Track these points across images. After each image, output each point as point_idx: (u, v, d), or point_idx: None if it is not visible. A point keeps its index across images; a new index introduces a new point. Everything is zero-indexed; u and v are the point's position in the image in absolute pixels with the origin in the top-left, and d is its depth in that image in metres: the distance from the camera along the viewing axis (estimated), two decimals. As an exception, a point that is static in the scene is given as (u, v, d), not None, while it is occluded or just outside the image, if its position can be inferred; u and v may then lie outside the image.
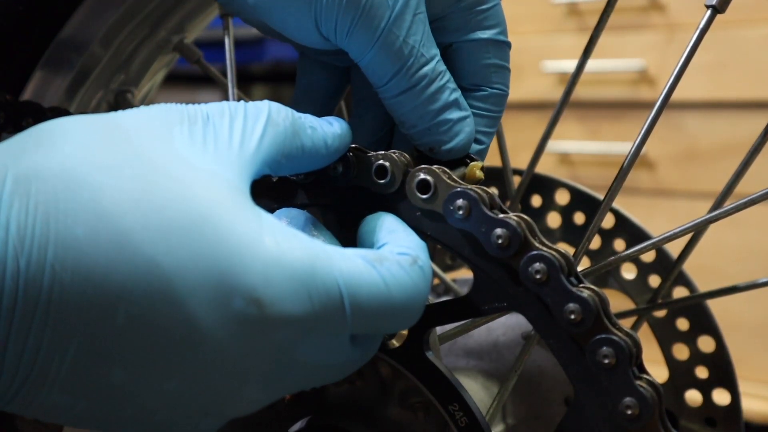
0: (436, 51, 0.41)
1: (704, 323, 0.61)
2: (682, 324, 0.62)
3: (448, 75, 0.41)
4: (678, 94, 0.45)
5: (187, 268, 0.30)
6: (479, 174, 0.41)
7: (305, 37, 0.41)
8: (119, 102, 0.65)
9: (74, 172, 0.30)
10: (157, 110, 0.34)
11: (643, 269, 0.63)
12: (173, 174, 0.31)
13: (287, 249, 0.31)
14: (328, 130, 0.38)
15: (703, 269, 0.96)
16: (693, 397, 0.62)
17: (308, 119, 0.38)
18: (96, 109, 0.63)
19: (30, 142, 0.31)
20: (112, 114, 0.33)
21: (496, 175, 0.64)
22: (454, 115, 0.41)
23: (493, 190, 0.64)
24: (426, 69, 0.40)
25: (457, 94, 0.41)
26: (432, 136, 0.41)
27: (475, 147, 0.43)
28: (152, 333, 0.29)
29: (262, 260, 0.31)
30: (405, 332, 0.41)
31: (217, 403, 0.32)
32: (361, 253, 0.33)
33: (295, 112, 0.37)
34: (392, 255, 0.34)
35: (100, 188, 0.29)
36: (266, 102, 0.36)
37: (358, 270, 0.33)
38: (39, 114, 0.50)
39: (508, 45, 0.43)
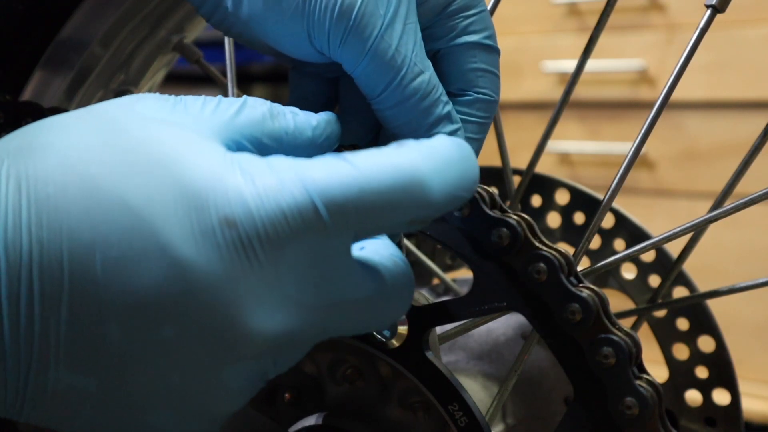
0: (428, 63, 0.41)
1: (704, 323, 0.61)
2: (682, 324, 0.62)
3: (441, 88, 0.41)
4: (678, 94, 0.46)
5: (156, 201, 0.30)
6: None
7: (298, 49, 0.41)
8: (119, 102, 0.65)
9: (42, 143, 0.31)
10: (127, 96, 0.35)
11: (643, 269, 0.63)
12: (135, 126, 0.32)
13: (253, 169, 0.31)
14: (312, 115, 0.38)
15: (703, 269, 0.96)
16: (693, 397, 0.62)
17: (289, 107, 0.38)
18: (96, 109, 0.63)
19: (11, 135, 0.32)
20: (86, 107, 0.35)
21: (496, 175, 0.64)
22: (447, 128, 0.41)
23: (493, 190, 0.64)
24: (419, 80, 0.40)
25: (450, 107, 0.41)
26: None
27: None
28: (133, 275, 0.29)
29: (226, 182, 0.31)
30: (405, 332, 0.41)
31: (226, 344, 0.31)
32: (338, 153, 0.32)
33: (274, 102, 0.37)
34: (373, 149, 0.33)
35: (66, 150, 0.31)
36: (244, 96, 0.37)
37: (326, 167, 0.31)
38: (39, 114, 0.50)
39: (496, 51, 0.43)
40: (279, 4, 0.39)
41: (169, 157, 0.31)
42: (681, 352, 0.63)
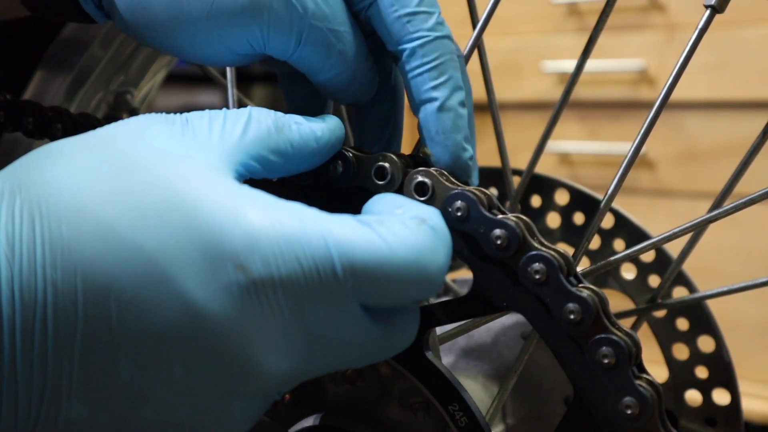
0: (352, 27, 0.41)
1: (704, 323, 0.61)
2: (682, 324, 0.62)
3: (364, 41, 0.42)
4: (678, 94, 0.45)
5: (169, 246, 0.30)
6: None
7: (211, 55, 0.40)
8: (119, 103, 0.65)
9: (54, 178, 0.31)
10: (134, 118, 0.35)
11: (643, 269, 0.63)
12: (148, 162, 0.32)
13: (270, 215, 0.31)
14: (315, 124, 0.38)
15: (703, 269, 0.96)
16: (693, 397, 0.62)
17: (293, 117, 0.38)
18: (96, 110, 0.63)
19: (20, 162, 0.32)
20: (92, 130, 0.34)
21: (495, 176, 0.64)
22: (372, 71, 0.43)
23: (493, 191, 0.64)
24: (351, 45, 0.40)
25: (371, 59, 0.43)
26: (356, 97, 0.43)
27: (431, 92, 0.41)
28: (146, 317, 0.30)
29: (244, 227, 0.31)
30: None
31: (236, 383, 0.31)
32: (358, 217, 0.33)
33: (278, 112, 0.37)
34: (395, 217, 0.34)
35: (79, 188, 0.30)
36: (248, 107, 0.37)
37: (351, 230, 0.32)
38: (39, 113, 0.50)
39: None
40: (182, 9, 0.38)
41: (183, 199, 0.31)
42: (681, 352, 0.63)
